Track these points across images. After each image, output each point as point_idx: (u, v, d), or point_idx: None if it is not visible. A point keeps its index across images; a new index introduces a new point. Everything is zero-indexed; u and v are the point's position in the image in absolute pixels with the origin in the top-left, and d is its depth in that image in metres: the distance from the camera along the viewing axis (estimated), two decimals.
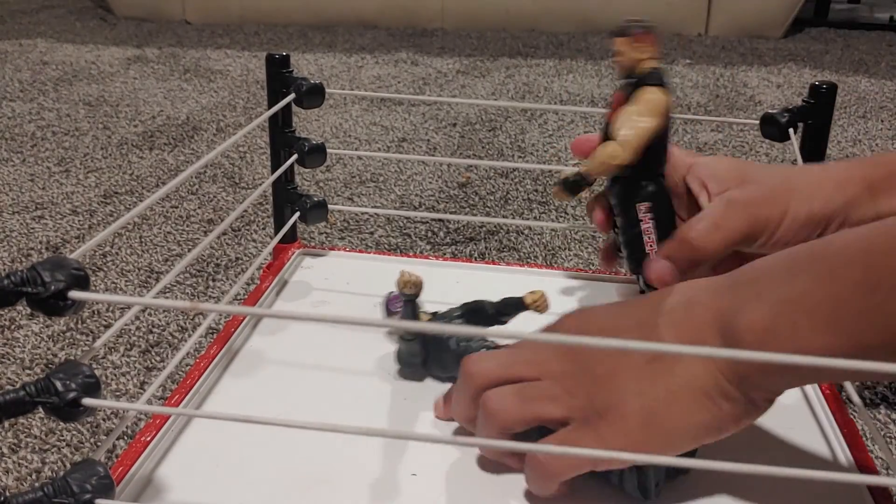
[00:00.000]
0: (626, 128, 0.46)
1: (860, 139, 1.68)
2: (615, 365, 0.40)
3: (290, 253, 0.66)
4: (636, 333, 0.40)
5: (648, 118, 0.45)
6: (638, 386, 0.38)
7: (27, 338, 0.96)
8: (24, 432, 0.81)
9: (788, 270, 0.37)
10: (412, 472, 0.43)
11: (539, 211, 1.33)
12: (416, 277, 0.48)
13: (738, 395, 0.36)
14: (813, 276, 0.35)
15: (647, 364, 0.39)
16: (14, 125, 1.70)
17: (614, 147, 0.45)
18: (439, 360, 0.50)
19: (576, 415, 0.40)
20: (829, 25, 2.79)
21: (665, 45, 2.45)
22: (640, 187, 0.48)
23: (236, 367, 0.52)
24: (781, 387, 0.37)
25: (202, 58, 2.27)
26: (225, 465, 0.43)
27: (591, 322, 0.43)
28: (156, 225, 1.26)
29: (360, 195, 1.38)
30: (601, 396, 0.39)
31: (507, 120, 1.75)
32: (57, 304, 0.33)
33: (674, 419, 0.37)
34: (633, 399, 0.38)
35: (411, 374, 0.51)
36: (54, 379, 0.33)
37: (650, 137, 0.46)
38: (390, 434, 0.44)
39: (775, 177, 0.47)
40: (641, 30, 0.47)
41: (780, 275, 0.37)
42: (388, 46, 2.43)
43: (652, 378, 0.38)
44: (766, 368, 0.35)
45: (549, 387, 0.41)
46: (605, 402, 0.39)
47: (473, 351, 0.48)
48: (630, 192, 0.48)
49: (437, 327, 0.36)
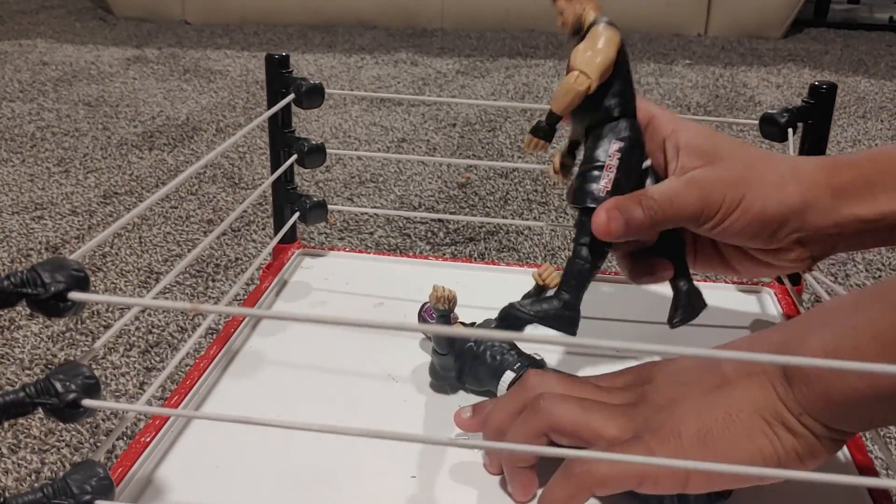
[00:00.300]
0: (581, 55, 0.44)
1: (860, 139, 1.68)
2: (675, 394, 0.39)
3: (289, 253, 0.66)
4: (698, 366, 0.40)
5: (603, 44, 0.44)
6: (696, 409, 0.38)
7: (27, 338, 0.96)
8: (23, 433, 0.81)
9: (855, 304, 0.37)
10: (411, 475, 0.43)
11: (539, 211, 1.33)
12: (450, 292, 0.47)
13: (801, 429, 0.35)
14: (879, 306, 0.35)
15: (707, 393, 0.38)
16: (14, 125, 1.70)
17: (576, 74, 0.44)
18: (474, 374, 0.49)
19: (628, 435, 0.39)
20: (828, 26, 2.79)
21: (665, 45, 2.45)
22: (617, 126, 0.46)
23: (236, 367, 0.52)
24: (846, 424, 0.36)
25: (202, 58, 2.27)
26: (225, 466, 0.43)
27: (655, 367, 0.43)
28: (155, 225, 1.26)
29: (359, 195, 1.38)
30: (658, 419, 0.38)
31: (507, 120, 1.75)
32: (57, 306, 0.33)
33: (731, 441, 0.36)
34: (689, 420, 0.37)
35: (445, 387, 0.50)
36: (54, 380, 0.33)
37: (610, 60, 0.45)
38: (389, 436, 0.44)
39: (742, 161, 0.46)
40: None
41: (847, 308, 0.37)
42: (387, 47, 2.43)
43: (711, 404, 0.37)
44: (829, 400, 0.34)
45: (609, 408, 0.41)
46: (661, 423, 0.38)
47: (509, 364, 0.48)
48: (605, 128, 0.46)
49: (438, 329, 0.36)
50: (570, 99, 0.45)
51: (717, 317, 0.57)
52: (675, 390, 0.39)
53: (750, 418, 0.36)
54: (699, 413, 0.37)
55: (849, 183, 0.44)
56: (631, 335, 0.56)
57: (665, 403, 0.39)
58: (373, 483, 0.42)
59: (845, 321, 0.36)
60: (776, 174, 0.45)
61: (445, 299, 0.46)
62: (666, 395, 0.40)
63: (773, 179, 0.45)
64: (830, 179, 0.45)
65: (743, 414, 0.36)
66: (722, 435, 0.36)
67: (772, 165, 0.46)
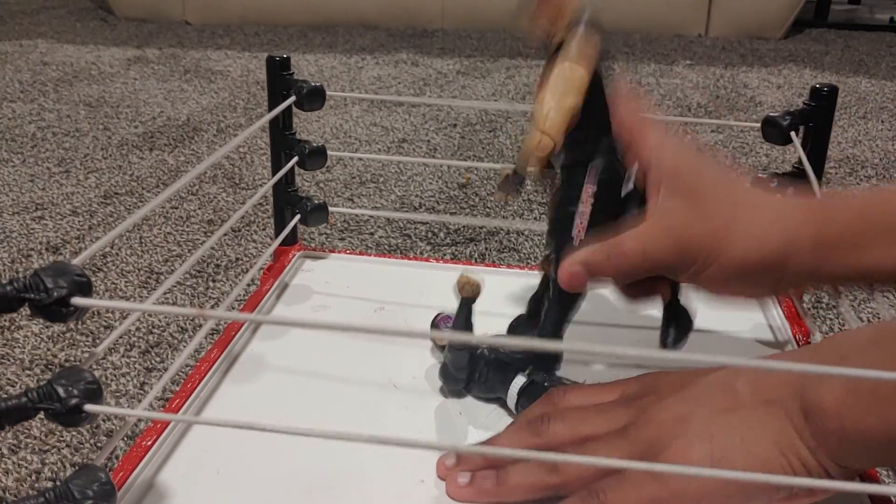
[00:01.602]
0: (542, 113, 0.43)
1: (860, 140, 1.68)
2: (683, 411, 0.38)
3: (290, 256, 0.66)
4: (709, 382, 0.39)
5: (566, 91, 0.43)
6: (708, 431, 0.36)
7: (27, 339, 0.96)
8: (23, 433, 0.81)
9: (874, 341, 0.36)
10: (420, 479, 0.43)
11: (539, 212, 1.33)
12: (476, 280, 0.46)
13: (815, 465, 0.35)
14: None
15: (721, 414, 0.37)
16: (14, 126, 1.70)
17: (538, 137, 0.43)
18: (485, 380, 0.48)
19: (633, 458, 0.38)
20: (829, 26, 2.79)
21: (665, 45, 2.45)
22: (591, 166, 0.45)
23: (237, 371, 0.52)
24: (857, 462, 0.35)
25: (202, 58, 2.27)
26: (226, 472, 0.43)
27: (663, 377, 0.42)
28: (156, 226, 1.26)
29: (360, 196, 1.38)
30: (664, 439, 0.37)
31: (508, 121, 1.75)
32: (59, 311, 0.33)
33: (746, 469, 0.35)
34: (700, 444, 0.36)
35: (453, 392, 0.50)
36: (56, 385, 0.33)
37: (575, 107, 0.43)
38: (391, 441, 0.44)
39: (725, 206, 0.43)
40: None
41: (865, 344, 0.36)
42: (388, 47, 2.43)
43: (725, 427, 0.36)
44: (844, 439, 0.34)
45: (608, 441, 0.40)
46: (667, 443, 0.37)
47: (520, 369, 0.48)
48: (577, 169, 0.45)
49: (436, 334, 0.36)
50: (534, 161, 0.45)
51: (717, 316, 0.56)
52: (683, 406, 0.38)
53: (767, 450, 0.35)
54: (712, 436, 0.36)
55: (836, 238, 0.42)
56: (632, 339, 0.56)
57: (670, 420, 0.38)
58: (373, 489, 0.42)
59: (863, 359, 0.35)
60: (760, 224, 0.43)
61: (471, 286, 0.46)
62: (672, 412, 0.38)
63: (756, 231, 0.43)
64: (818, 233, 0.43)
65: (761, 444, 0.36)
66: (738, 464, 0.35)
67: (757, 211, 0.44)
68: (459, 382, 0.49)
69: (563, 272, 0.45)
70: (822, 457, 0.35)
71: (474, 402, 0.49)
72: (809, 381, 0.36)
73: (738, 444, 0.36)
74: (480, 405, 0.49)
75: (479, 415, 0.48)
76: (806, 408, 0.35)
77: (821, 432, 0.35)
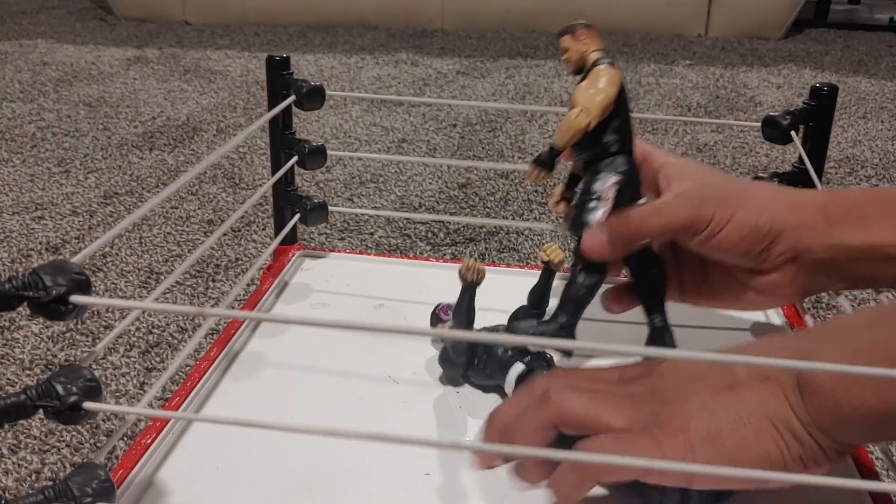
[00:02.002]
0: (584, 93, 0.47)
1: (860, 139, 1.68)
2: (686, 390, 0.39)
3: (290, 255, 0.66)
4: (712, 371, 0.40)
5: (605, 83, 0.47)
6: (707, 407, 0.38)
7: (27, 338, 0.96)
8: (23, 433, 0.81)
9: (871, 322, 0.37)
10: (426, 472, 0.43)
11: (539, 212, 1.33)
12: (480, 265, 0.48)
13: (808, 438, 0.36)
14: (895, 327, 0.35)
15: (719, 392, 0.38)
16: (14, 126, 1.70)
17: (577, 110, 0.46)
18: (484, 364, 0.49)
19: (637, 427, 0.39)
20: (829, 26, 2.79)
21: (665, 45, 2.45)
22: (615, 162, 0.48)
23: (236, 369, 0.52)
24: (852, 437, 0.36)
25: (202, 58, 2.27)
26: (226, 469, 0.43)
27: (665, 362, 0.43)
28: (155, 226, 1.26)
29: (360, 196, 1.38)
30: (667, 412, 0.39)
31: (508, 121, 1.75)
32: (58, 309, 0.33)
33: (739, 442, 0.37)
34: (699, 416, 0.38)
35: (451, 378, 0.51)
36: (55, 382, 0.33)
37: (611, 98, 0.47)
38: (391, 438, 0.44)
39: (732, 184, 0.48)
40: (583, 27, 0.49)
41: (863, 326, 0.37)
42: (388, 47, 2.43)
43: (722, 403, 0.38)
44: (838, 414, 0.35)
45: (618, 399, 0.41)
46: (670, 417, 0.38)
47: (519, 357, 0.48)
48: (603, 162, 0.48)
49: (439, 332, 0.36)
50: (572, 134, 0.47)
51: (718, 316, 0.57)
52: (686, 386, 0.40)
53: (760, 422, 0.37)
54: (710, 410, 0.38)
55: (843, 209, 0.45)
56: (629, 336, 0.56)
57: (674, 397, 0.39)
58: (373, 485, 0.42)
59: (860, 338, 0.36)
60: (768, 193, 0.46)
61: (475, 270, 0.48)
62: (676, 390, 0.40)
63: (765, 196, 0.46)
64: (826, 203, 0.45)
65: (754, 417, 0.37)
66: (731, 436, 0.37)
67: (764, 188, 0.48)
68: (458, 368, 0.50)
69: (585, 241, 0.47)
70: (815, 431, 0.36)
71: (473, 396, 0.49)
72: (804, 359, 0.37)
73: (734, 418, 0.37)
74: (479, 399, 0.49)
75: (479, 408, 0.48)
76: (801, 383, 0.36)
77: (815, 408, 0.36)
